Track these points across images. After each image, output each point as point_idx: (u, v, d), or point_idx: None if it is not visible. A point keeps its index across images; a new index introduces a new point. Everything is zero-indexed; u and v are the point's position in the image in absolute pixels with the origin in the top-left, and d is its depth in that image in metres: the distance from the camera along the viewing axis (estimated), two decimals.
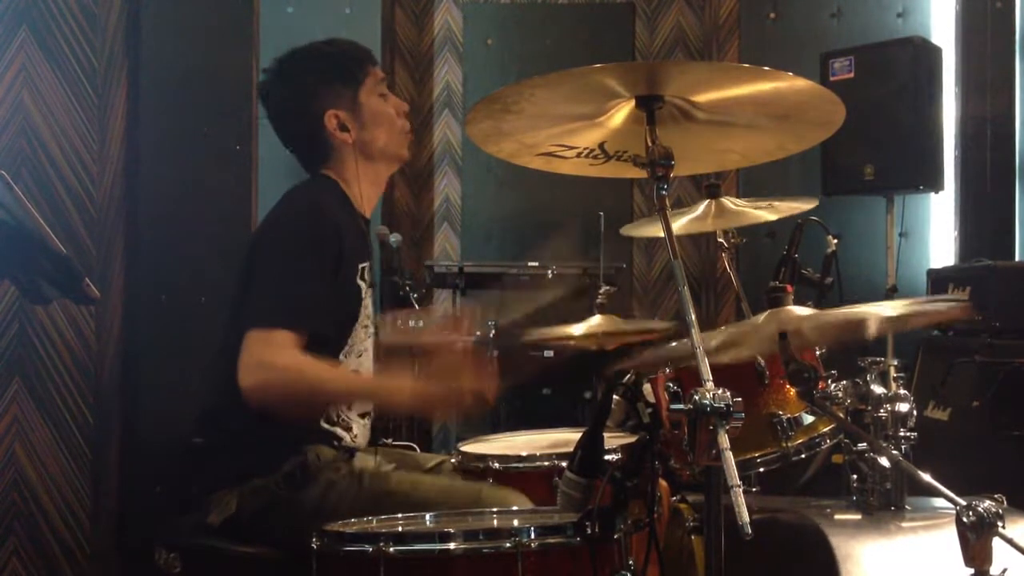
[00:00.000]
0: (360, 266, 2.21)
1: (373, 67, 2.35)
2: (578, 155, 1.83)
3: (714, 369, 1.42)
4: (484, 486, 2.15)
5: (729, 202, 2.73)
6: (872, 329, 1.83)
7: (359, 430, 2.26)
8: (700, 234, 4.73)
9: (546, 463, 2.29)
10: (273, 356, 1.97)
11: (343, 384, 2.15)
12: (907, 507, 2.10)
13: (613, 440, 2.21)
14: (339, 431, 2.20)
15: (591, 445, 1.67)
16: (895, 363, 2.33)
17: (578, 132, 1.77)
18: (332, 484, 2.08)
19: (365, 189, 2.31)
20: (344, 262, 2.14)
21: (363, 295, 2.22)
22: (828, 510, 2.14)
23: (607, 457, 1.75)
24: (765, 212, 2.68)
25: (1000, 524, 1.51)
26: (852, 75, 3.83)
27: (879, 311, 1.83)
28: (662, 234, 1.58)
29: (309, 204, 2.20)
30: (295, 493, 2.06)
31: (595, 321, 2.99)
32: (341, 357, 2.19)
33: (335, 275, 2.11)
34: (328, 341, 2.13)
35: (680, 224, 2.70)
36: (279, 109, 2.33)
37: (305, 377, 2.01)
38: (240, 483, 2.08)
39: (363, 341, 2.25)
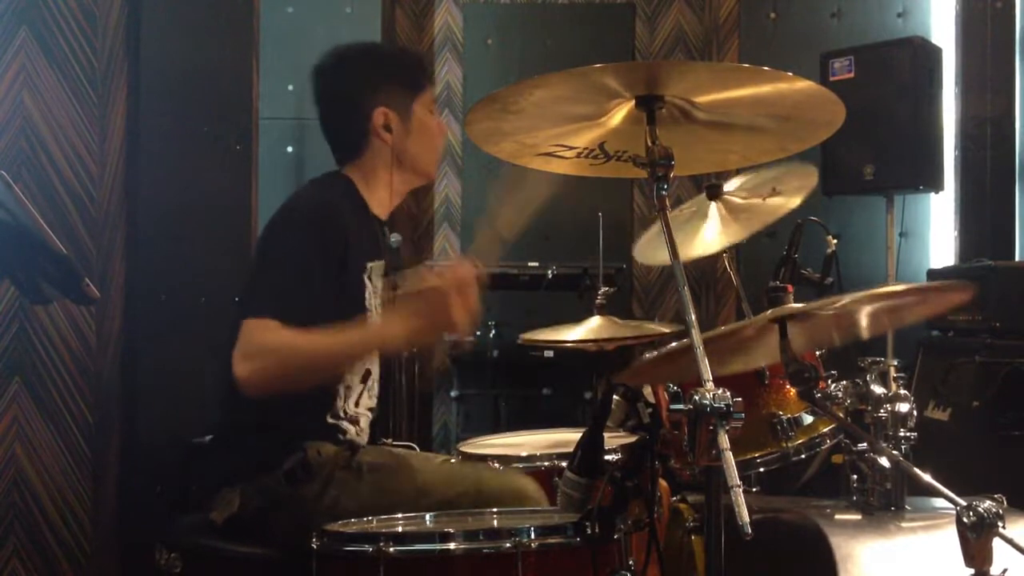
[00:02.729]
0: (369, 265, 2.20)
1: (430, 84, 2.39)
2: (578, 155, 1.83)
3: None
4: (485, 469, 2.15)
5: (733, 198, 2.71)
6: (864, 322, 1.82)
7: (365, 424, 2.26)
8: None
9: (546, 463, 2.29)
10: (263, 340, 1.95)
11: (336, 343, 2.03)
12: (907, 507, 2.10)
13: (613, 440, 2.21)
14: (344, 424, 2.20)
15: (591, 445, 1.67)
16: (895, 363, 2.33)
17: (578, 132, 1.76)
18: (332, 479, 2.08)
19: (385, 194, 2.31)
20: (349, 261, 2.14)
21: (370, 294, 2.22)
22: (828, 510, 2.14)
23: (607, 457, 1.75)
24: (771, 201, 2.65)
25: (1000, 524, 1.51)
26: (852, 75, 3.82)
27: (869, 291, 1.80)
28: (668, 262, 1.57)
29: (315, 202, 2.20)
30: (297, 490, 2.06)
31: (594, 322, 2.99)
32: None
33: (338, 274, 2.11)
34: None
35: (692, 251, 2.67)
36: (330, 91, 2.32)
37: (298, 350, 1.97)
38: (242, 481, 2.08)
39: None
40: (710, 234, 2.69)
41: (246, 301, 2.07)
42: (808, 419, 2.03)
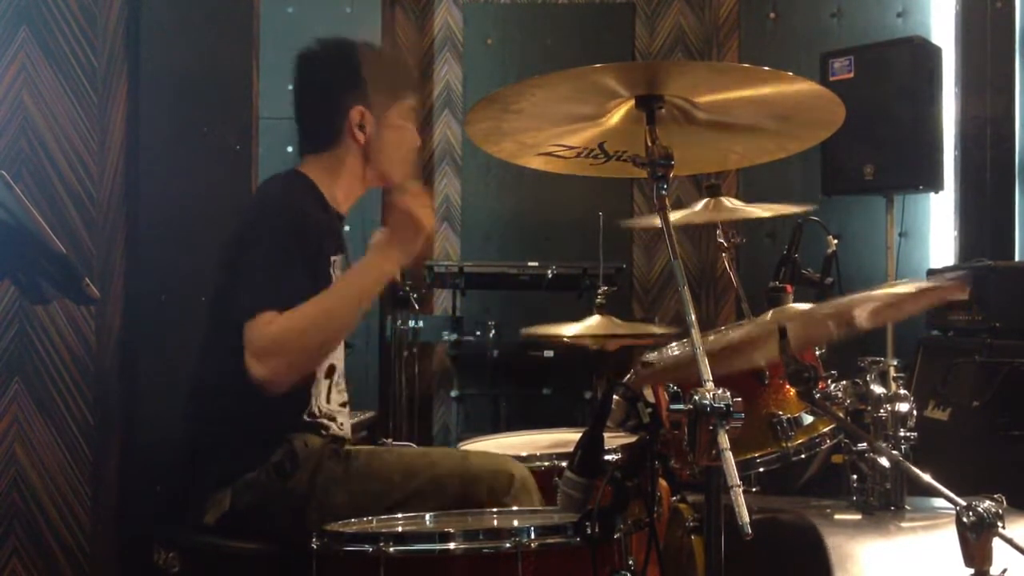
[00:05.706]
0: (332, 259, 2.22)
1: (412, 93, 2.38)
2: (578, 155, 1.83)
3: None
4: (469, 451, 2.16)
5: (728, 202, 2.73)
6: (864, 318, 1.82)
7: (344, 419, 2.26)
8: (700, 233, 4.77)
9: (546, 463, 2.30)
10: (268, 334, 1.95)
11: (330, 304, 2.06)
12: (907, 507, 2.10)
13: (613, 440, 2.21)
14: (323, 421, 2.21)
15: (591, 445, 1.67)
16: (895, 363, 2.33)
17: (578, 132, 1.77)
18: (320, 466, 2.09)
19: (347, 190, 2.31)
20: (320, 253, 2.15)
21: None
22: (828, 510, 2.14)
23: (607, 457, 1.75)
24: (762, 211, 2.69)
25: (1000, 524, 1.51)
26: (852, 75, 3.83)
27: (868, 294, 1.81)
28: (659, 224, 1.58)
29: (285, 199, 2.21)
30: (286, 482, 2.07)
31: (593, 322, 2.99)
32: None
33: (314, 266, 2.12)
34: None
35: (676, 216, 2.71)
36: (312, 80, 2.32)
37: (303, 329, 1.98)
38: (232, 480, 2.09)
39: None
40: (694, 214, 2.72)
41: (237, 306, 2.04)
42: (808, 419, 2.02)
